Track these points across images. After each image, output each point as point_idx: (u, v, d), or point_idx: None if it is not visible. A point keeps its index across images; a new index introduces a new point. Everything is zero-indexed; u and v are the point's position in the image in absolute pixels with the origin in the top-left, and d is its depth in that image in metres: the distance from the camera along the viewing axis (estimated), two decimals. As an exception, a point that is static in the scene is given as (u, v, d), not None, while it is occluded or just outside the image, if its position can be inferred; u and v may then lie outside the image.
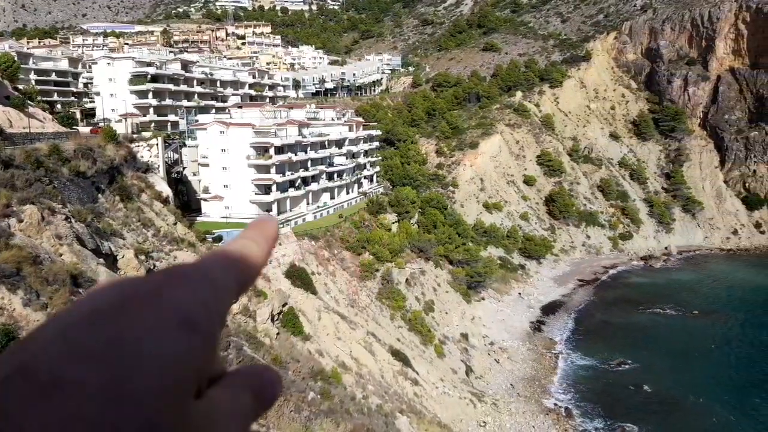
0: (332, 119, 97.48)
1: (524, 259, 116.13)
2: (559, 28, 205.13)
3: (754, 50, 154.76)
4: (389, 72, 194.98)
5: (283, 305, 48.05)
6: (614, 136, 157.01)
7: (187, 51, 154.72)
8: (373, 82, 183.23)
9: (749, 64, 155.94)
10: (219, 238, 57.75)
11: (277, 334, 45.02)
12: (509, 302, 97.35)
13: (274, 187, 75.00)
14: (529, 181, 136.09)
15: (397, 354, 58.89)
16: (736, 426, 61.41)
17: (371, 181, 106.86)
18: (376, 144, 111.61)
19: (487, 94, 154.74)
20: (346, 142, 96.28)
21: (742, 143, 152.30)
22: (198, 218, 73.05)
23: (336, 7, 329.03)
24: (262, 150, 75.45)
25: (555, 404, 65.22)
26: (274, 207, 75.26)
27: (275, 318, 46.64)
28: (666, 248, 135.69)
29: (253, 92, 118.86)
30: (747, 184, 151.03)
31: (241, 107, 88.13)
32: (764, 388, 69.76)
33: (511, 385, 69.34)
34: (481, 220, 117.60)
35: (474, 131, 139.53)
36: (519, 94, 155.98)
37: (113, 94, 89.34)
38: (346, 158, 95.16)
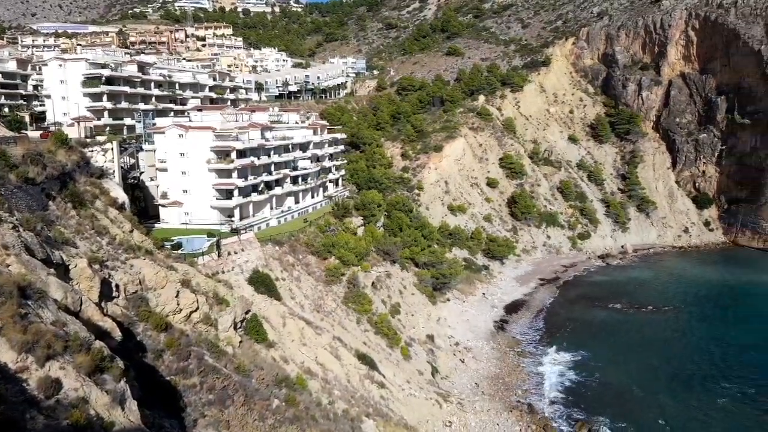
0: (296, 122, 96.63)
1: (488, 260, 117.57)
2: (520, 33, 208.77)
3: (702, 56, 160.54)
4: (354, 75, 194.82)
5: (246, 312, 47.25)
6: (573, 139, 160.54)
7: (144, 52, 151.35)
8: (338, 85, 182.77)
9: (698, 69, 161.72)
10: (178, 245, 56.48)
11: (240, 342, 44.20)
12: (474, 302, 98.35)
13: (236, 192, 73.80)
14: (492, 184, 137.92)
15: (363, 358, 58.68)
16: (687, 414, 63.41)
17: (337, 184, 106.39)
18: (341, 147, 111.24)
19: (450, 98, 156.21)
20: (311, 146, 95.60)
21: (692, 145, 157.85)
22: (156, 225, 71.31)
23: (299, 10, 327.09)
24: (223, 154, 74.14)
25: (518, 401, 66.15)
26: (237, 212, 74.08)
27: (238, 326, 45.80)
28: (622, 247, 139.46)
29: (213, 95, 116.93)
30: (697, 184, 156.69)
31: (201, 110, 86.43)
32: (713, 379, 72.42)
33: (476, 384, 69.99)
34: (445, 222, 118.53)
35: (438, 134, 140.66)
36: (482, 98, 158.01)
37: (65, 97, 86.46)
38: (311, 162, 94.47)
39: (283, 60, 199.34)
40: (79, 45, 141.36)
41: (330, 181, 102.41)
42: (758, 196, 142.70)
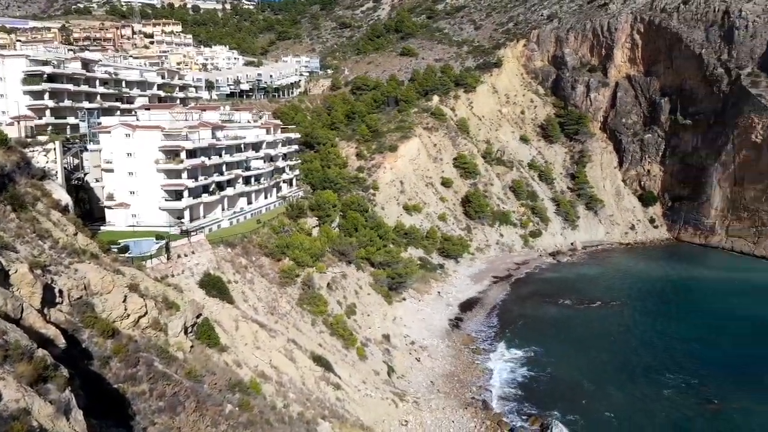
0: (248, 122, 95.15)
1: (443, 259, 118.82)
2: (473, 34, 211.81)
3: (647, 59, 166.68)
4: (308, 74, 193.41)
5: (198, 316, 46.24)
6: (524, 139, 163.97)
7: (88, 49, 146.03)
8: (291, 84, 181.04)
9: (643, 71, 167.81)
10: (125, 249, 54.72)
11: (192, 346, 43.22)
12: (429, 301, 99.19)
13: (186, 193, 72.04)
14: (446, 183, 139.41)
15: (318, 359, 58.31)
16: (634, 405, 65.75)
17: (291, 184, 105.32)
18: (295, 147, 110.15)
19: (405, 98, 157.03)
20: (264, 145, 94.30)
21: (638, 145, 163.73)
22: (102, 227, 68.97)
23: (251, 7, 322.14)
24: (172, 154, 72.25)
25: (473, 398, 67.08)
26: (187, 213, 72.33)
27: (189, 330, 44.78)
28: (572, 244, 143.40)
29: (162, 93, 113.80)
30: (642, 183, 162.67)
31: (149, 109, 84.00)
32: (658, 370, 75.35)
33: (432, 382, 70.60)
34: (401, 222, 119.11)
35: (393, 134, 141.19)
36: (436, 98, 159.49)
37: (4, 95, 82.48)
38: (264, 162, 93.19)
39: (235, 58, 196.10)
40: (19, 41, 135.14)
41: (284, 182, 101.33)
42: (699, 194, 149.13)
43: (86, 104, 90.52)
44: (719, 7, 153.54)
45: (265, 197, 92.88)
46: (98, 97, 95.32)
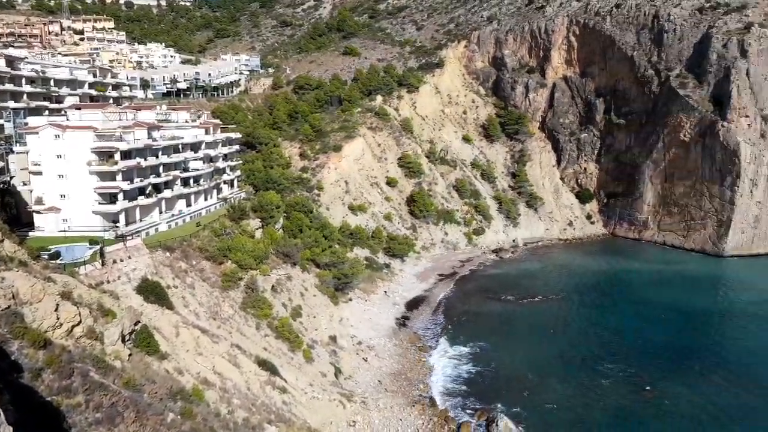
0: (186, 121, 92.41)
1: (389, 258, 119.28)
2: (415, 35, 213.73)
3: (582, 60, 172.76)
4: (248, 73, 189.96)
5: (135, 323, 44.48)
6: (466, 139, 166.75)
7: (13, 46, 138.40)
8: (231, 82, 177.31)
9: (579, 72, 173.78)
10: (56, 255, 52.00)
11: (130, 355, 41.53)
12: (376, 301, 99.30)
13: (120, 196, 69.21)
14: (391, 183, 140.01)
15: (263, 364, 57.26)
16: (575, 395, 68.02)
17: (232, 186, 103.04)
18: (236, 147, 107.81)
19: (348, 98, 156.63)
20: (203, 146, 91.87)
21: (575, 144, 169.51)
22: (30, 233, 65.34)
23: (188, 4, 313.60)
24: (106, 155, 69.27)
25: (420, 395, 67.57)
26: (122, 217, 69.52)
27: (126, 338, 43.02)
28: (514, 241, 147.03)
29: (94, 92, 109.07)
30: (579, 181, 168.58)
31: (80, 108, 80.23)
32: (597, 361, 78.23)
33: (379, 381, 70.67)
34: (346, 222, 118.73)
35: (337, 134, 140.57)
36: (379, 98, 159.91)
37: None
38: (203, 162, 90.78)
39: (171, 56, 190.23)
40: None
41: (224, 183, 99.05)
42: (633, 191, 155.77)
43: (11, 104, 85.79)
44: (649, 11, 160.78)
45: (206, 199, 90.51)
46: (24, 97, 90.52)
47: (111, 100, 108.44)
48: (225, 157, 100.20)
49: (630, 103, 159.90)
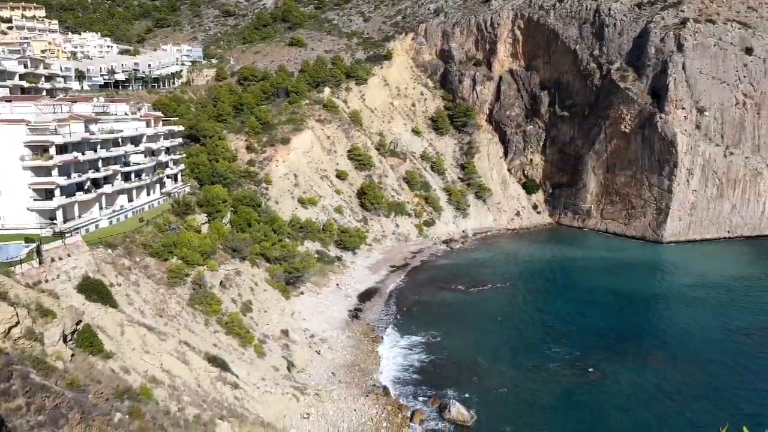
0: (126, 114, 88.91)
1: (340, 251, 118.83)
2: (362, 26, 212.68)
3: (528, 54, 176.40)
4: (190, 64, 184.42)
5: (78, 323, 42.63)
6: (416, 132, 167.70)
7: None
8: (172, 74, 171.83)
9: (524, 65, 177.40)
10: (-12, 253, 49.25)
11: (72, 355, 39.78)
12: (328, 294, 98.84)
13: (57, 192, 66.07)
14: (341, 176, 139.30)
15: (214, 360, 56.05)
16: (524, 379, 69.83)
17: (175, 180, 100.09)
18: (178, 140, 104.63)
19: (295, 90, 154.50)
20: (144, 139, 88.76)
21: (521, 136, 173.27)
22: (-40, 231, 61.60)
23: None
24: (40, 150, 65.93)
25: (373, 385, 67.77)
26: (60, 214, 66.43)
27: (68, 338, 41.17)
28: (463, 231, 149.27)
29: (25, 83, 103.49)
30: (526, 172, 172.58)
31: (10, 101, 75.91)
32: (545, 345, 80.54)
33: (333, 373, 70.45)
34: (296, 216, 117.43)
35: (285, 126, 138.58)
36: (327, 90, 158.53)
37: None
38: (145, 156, 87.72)
39: (108, 46, 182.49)
40: None
41: (168, 177, 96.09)
42: (577, 181, 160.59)
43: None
44: (591, 5, 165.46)
45: (148, 194, 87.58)
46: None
47: (44, 92, 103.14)
48: (167, 150, 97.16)
49: (573, 96, 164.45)
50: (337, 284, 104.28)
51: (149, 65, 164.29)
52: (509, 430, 58.93)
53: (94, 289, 51.47)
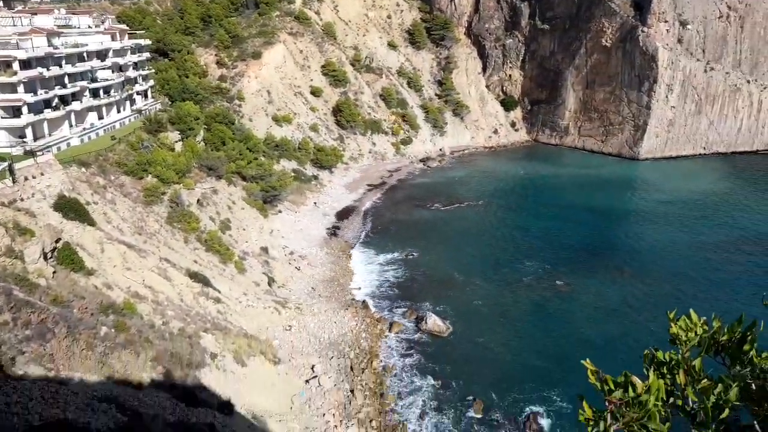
0: (89, 27, 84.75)
1: (317, 170, 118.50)
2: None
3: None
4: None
5: (57, 241, 42.76)
6: (392, 45, 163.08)
7: None
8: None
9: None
10: (-42, 172, 48.17)
11: (54, 272, 40.23)
12: (306, 212, 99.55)
13: (25, 109, 63.97)
14: (316, 92, 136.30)
15: (195, 276, 57.08)
16: (498, 292, 72.90)
17: (146, 97, 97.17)
18: (146, 55, 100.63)
19: (265, 1, 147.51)
20: (110, 54, 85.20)
21: (500, 50, 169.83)
22: (-76, 150, 59.81)
23: None
24: (3, 65, 63.10)
25: (352, 299, 70.08)
26: (29, 132, 64.64)
27: (49, 256, 41.44)
28: (441, 150, 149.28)
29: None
30: (504, 88, 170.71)
31: (-37, 10, 71.73)
32: (519, 260, 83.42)
33: (313, 288, 72.40)
34: (271, 134, 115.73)
35: (255, 40, 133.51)
36: (298, 1, 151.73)
37: None
38: (112, 72, 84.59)
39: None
40: None
41: (138, 93, 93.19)
42: (555, 97, 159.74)
43: None
44: None
45: (118, 111, 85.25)
46: None
47: (1, 4, 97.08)
48: (135, 65, 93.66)
49: (554, 8, 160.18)
50: (315, 203, 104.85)
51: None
52: (483, 341, 61.96)
53: (70, 208, 51.16)
